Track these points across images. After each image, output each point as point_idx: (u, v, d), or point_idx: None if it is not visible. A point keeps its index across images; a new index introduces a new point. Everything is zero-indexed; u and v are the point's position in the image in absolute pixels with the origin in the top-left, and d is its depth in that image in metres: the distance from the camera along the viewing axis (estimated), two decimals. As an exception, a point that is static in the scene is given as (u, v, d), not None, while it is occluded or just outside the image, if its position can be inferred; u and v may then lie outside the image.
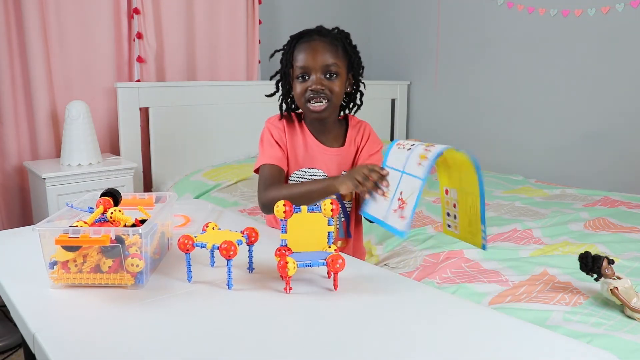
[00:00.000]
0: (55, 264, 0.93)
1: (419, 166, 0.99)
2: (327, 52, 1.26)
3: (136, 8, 2.47)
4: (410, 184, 1.00)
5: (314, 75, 1.26)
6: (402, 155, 1.04)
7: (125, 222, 0.99)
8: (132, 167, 2.28)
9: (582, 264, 1.29)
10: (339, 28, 1.34)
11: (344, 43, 1.30)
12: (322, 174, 1.34)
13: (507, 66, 3.09)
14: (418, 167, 0.99)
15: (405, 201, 0.99)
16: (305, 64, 1.26)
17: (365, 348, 0.75)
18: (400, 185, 1.02)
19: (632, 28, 2.58)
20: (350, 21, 3.60)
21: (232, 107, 2.77)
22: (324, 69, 1.26)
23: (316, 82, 1.26)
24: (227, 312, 0.86)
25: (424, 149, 1.00)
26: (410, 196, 0.99)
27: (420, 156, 0.99)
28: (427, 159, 0.98)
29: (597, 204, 2.32)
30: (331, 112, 1.31)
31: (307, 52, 1.27)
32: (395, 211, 1.02)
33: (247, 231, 1.01)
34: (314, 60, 1.26)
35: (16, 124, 2.28)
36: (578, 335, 1.11)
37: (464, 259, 1.61)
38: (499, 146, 3.17)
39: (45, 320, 0.82)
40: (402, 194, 1.01)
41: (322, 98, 1.26)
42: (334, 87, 1.27)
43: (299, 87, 1.29)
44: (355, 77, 1.36)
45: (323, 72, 1.26)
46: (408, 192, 0.99)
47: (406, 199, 0.99)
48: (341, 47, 1.29)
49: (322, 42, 1.28)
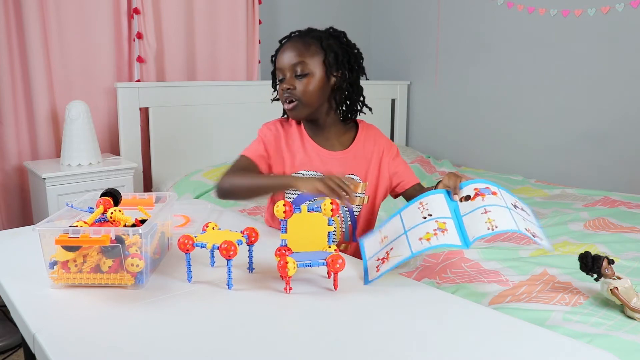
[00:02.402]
0: (55, 264, 0.93)
1: (418, 241, 0.95)
2: (295, 51, 1.25)
3: (136, 8, 2.47)
4: (401, 248, 0.97)
5: (287, 75, 1.26)
6: (416, 217, 1.01)
7: (125, 222, 0.99)
8: (132, 167, 2.28)
9: (582, 264, 1.29)
10: (332, 27, 1.32)
11: (321, 40, 1.26)
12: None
13: (507, 66, 3.09)
14: (417, 241, 0.95)
15: (387, 259, 0.97)
16: (278, 66, 1.28)
17: (365, 348, 0.75)
18: (394, 242, 1.00)
19: (632, 28, 2.58)
20: (350, 21, 3.60)
21: (232, 107, 2.77)
22: (292, 68, 1.25)
23: (286, 83, 1.26)
24: (227, 312, 0.86)
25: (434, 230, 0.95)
26: (393, 257, 0.96)
27: (426, 234, 0.95)
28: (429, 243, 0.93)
29: (597, 204, 2.31)
30: (308, 113, 1.28)
31: (280, 54, 1.28)
32: (377, 260, 1.00)
33: (247, 231, 1.01)
34: (282, 60, 1.27)
35: (16, 124, 2.28)
36: (578, 335, 1.11)
37: (464, 259, 1.61)
38: (499, 146, 3.17)
39: (45, 320, 0.82)
40: (391, 250, 0.99)
41: (292, 98, 1.26)
42: (302, 86, 1.25)
43: (278, 89, 1.31)
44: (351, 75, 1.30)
45: (292, 72, 1.25)
46: (395, 253, 0.97)
47: (389, 258, 0.97)
48: (318, 46, 1.26)
49: (293, 42, 1.27)
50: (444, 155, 3.44)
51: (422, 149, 3.58)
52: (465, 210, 1.00)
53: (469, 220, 0.97)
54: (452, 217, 0.99)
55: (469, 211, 0.99)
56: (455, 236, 0.94)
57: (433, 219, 0.98)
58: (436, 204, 1.02)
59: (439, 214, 0.99)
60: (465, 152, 3.36)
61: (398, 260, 0.94)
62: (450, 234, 0.94)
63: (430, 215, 0.99)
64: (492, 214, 0.95)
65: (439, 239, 0.92)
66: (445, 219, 0.98)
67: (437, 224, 0.96)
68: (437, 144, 3.53)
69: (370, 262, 1.02)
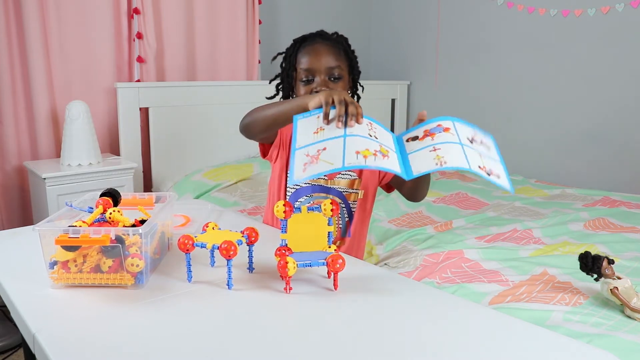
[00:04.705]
0: (55, 264, 0.93)
1: (355, 154, 0.85)
2: (331, 55, 1.28)
3: (136, 8, 2.48)
4: (334, 153, 0.87)
5: (318, 77, 1.27)
6: (362, 129, 0.91)
7: (123, 223, 0.99)
8: (132, 167, 2.28)
9: (582, 264, 1.29)
10: (337, 33, 1.36)
11: (345, 47, 1.33)
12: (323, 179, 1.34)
13: (507, 66, 3.09)
14: (353, 154, 0.86)
15: (317, 159, 0.87)
16: (310, 66, 1.27)
17: (365, 348, 0.75)
18: (329, 142, 0.89)
19: (632, 28, 2.58)
20: (350, 21, 3.60)
21: (232, 107, 2.76)
22: (328, 71, 1.27)
23: (321, 84, 1.26)
24: (227, 312, 0.86)
25: (375, 150, 0.87)
26: (322, 161, 0.86)
27: (366, 150, 0.86)
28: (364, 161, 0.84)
29: (597, 204, 2.31)
30: None
31: (312, 55, 1.28)
32: (307, 155, 0.89)
33: (247, 231, 1.01)
34: (318, 62, 1.27)
35: (16, 124, 2.29)
36: (578, 335, 1.11)
37: (464, 259, 1.61)
38: (499, 146, 3.16)
39: (45, 321, 0.82)
40: (324, 150, 0.88)
41: None
42: (338, 89, 1.27)
43: (303, 89, 1.29)
44: (354, 82, 1.37)
45: (327, 75, 1.27)
46: (326, 157, 0.86)
47: (319, 160, 0.86)
48: (343, 51, 1.31)
49: (325, 44, 1.30)
50: (444, 155, 3.43)
51: (422, 149, 3.58)
52: (412, 149, 0.93)
53: (414, 157, 0.90)
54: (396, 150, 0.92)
55: (415, 150, 0.92)
56: (395, 163, 0.87)
57: (377, 141, 0.90)
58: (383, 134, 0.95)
59: (384, 142, 0.92)
60: (465, 152, 3.36)
61: (327, 169, 0.85)
62: (391, 160, 0.87)
63: (376, 137, 0.91)
64: (441, 152, 0.88)
65: (376, 161, 0.85)
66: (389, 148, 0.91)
67: (380, 147, 0.88)
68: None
69: (299, 154, 0.90)
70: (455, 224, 2.05)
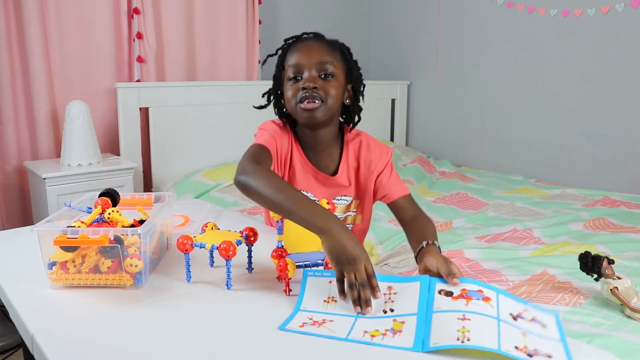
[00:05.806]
0: (54, 265, 0.93)
1: (362, 332, 0.79)
2: (323, 50, 1.14)
3: (136, 8, 2.47)
4: (339, 326, 0.82)
5: (307, 73, 1.12)
6: (378, 307, 0.85)
7: (122, 223, 0.99)
8: (132, 167, 2.28)
9: (582, 264, 1.29)
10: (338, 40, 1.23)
11: (343, 50, 1.19)
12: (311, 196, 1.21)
13: (507, 66, 3.09)
14: (360, 332, 0.80)
15: (320, 325, 0.82)
16: (298, 61, 1.13)
17: (365, 348, 0.75)
18: (338, 317, 0.85)
19: (632, 28, 2.57)
20: (350, 21, 3.60)
21: (232, 107, 2.77)
22: (319, 66, 1.12)
23: (309, 80, 1.11)
24: (227, 312, 0.86)
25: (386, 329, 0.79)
26: (324, 328, 0.81)
27: (375, 330, 0.79)
28: (370, 339, 0.77)
29: (597, 204, 2.31)
30: (326, 119, 1.15)
31: (301, 50, 1.14)
32: (309, 318, 0.84)
33: (246, 231, 1.01)
34: (307, 57, 1.12)
35: (16, 124, 2.29)
36: (578, 335, 1.11)
37: (464, 259, 1.61)
38: (499, 146, 3.17)
39: (44, 321, 0.82)
40: (331, 322, 0.83)
41: (315, 98, 1.11)
42: (330, 88, 1.12)
43: (290, 89, 1.14)
44: (355, 91, 1.21)
45: (317, 70, 1.12)
46: (330, 327, 0.82)
47: (321, 326, 0.82)
48: (338, 50, 1.18)
49: (317, 41, 1.17)
50: (444, 155, 3.44)
51: (422, 149, 3.58)
52: (440, 307, 0.80)
53: (438, 320, 0.78)
54: (418, 312, 0.81)
55: (444, 310, 0.79)
56: (408, 338, 0.76)
57: (392, 316, 0.82)
58: (406, 295, 0.85)
59: (402, 310, 0.83)
60: (465, 152, 3.36)
61: (327, 334, 0.79)
62: (403, 336, 0.77)
63: (392, 310, 0.83)
64: (469, 324, 0.75)
65: (384, 340, 0.77)
66: (406, 317, 0.81)
67: (393, 322, 0.81)
68: (437, 144, 3.53)
69: (302, 315, 0.85)
70: (455, 224, 2.05)
